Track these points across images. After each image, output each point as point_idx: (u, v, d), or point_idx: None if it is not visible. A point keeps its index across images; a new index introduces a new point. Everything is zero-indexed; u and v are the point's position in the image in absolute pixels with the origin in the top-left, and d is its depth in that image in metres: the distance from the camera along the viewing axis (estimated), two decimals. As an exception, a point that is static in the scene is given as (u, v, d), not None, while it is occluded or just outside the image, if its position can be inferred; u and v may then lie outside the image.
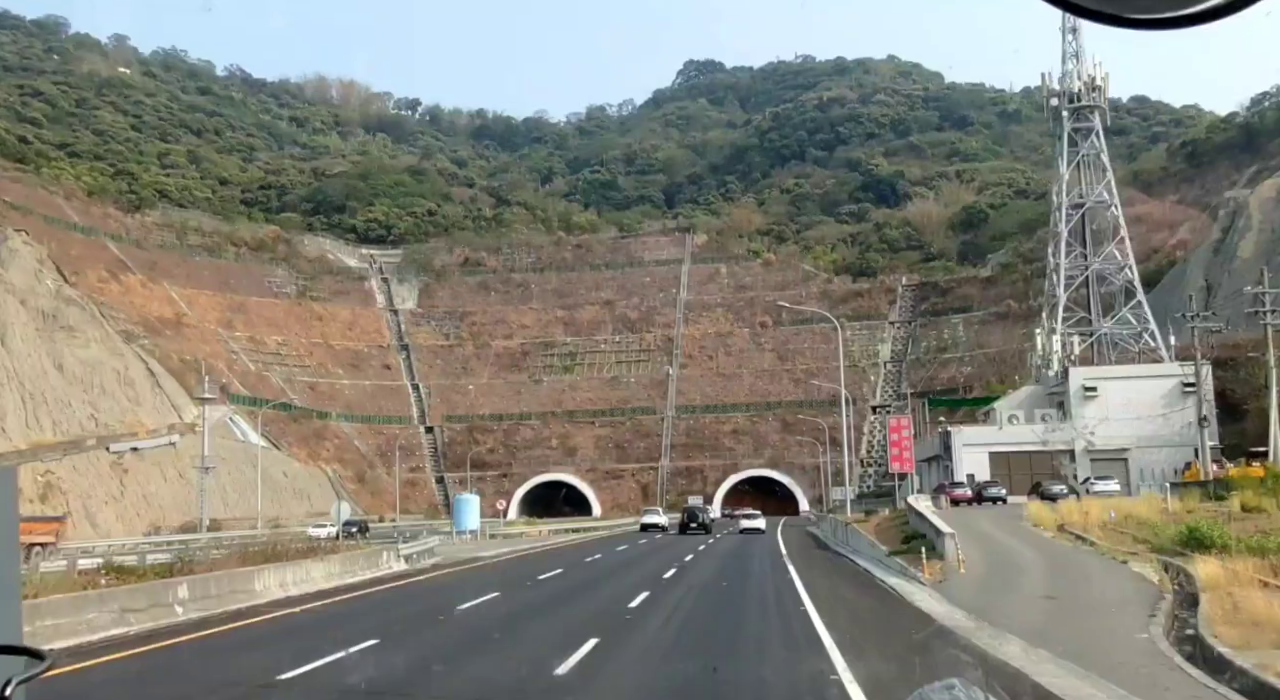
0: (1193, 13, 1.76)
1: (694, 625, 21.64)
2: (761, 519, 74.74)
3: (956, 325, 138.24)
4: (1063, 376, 75.36)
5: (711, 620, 22.66)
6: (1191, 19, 1.79)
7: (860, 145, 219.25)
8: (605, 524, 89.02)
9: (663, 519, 79.42)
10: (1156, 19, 1.81)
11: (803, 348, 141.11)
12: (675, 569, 36.46)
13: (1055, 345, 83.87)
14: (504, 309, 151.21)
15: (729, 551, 49.35)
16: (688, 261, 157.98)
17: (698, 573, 35.56)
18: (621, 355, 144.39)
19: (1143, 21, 1.82)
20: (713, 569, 37.69)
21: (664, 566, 37.53)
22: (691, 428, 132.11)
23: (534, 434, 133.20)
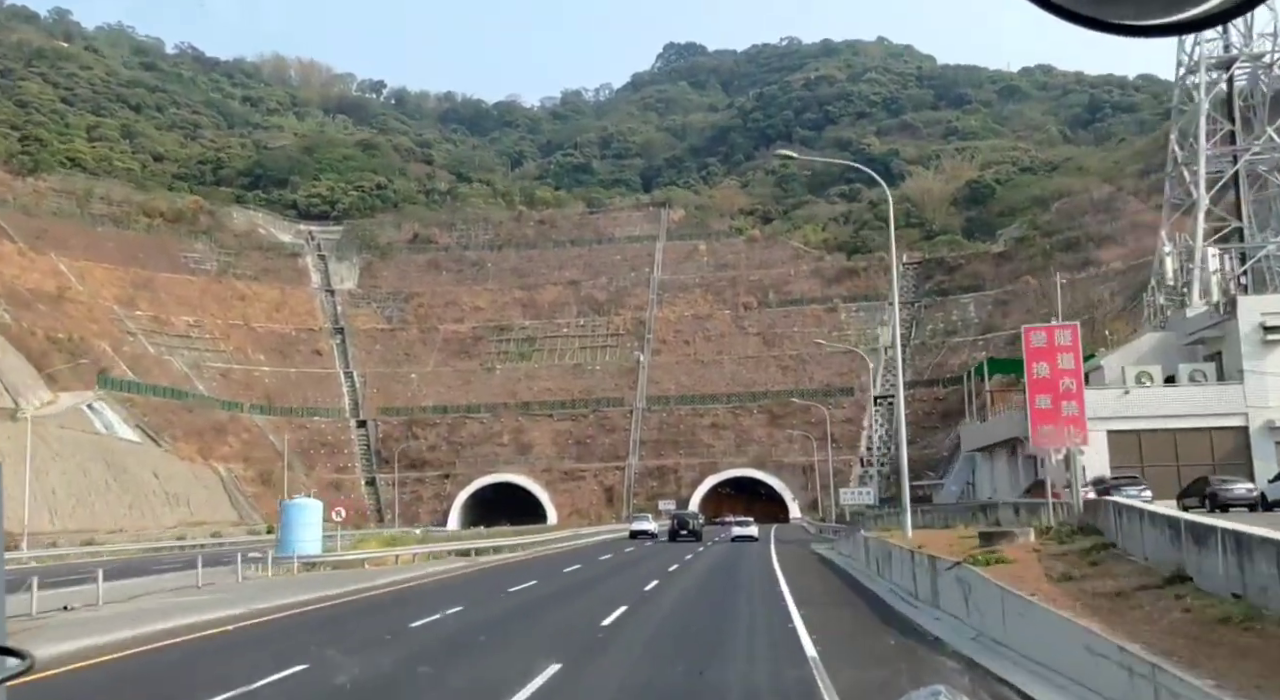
0: (1183, 20, 1.67)
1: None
2: (754, 526, 64.31)
3: (967, 306, 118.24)
4: (1223, 311, 48.51)
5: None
6: (1181, 26, 1.69)
7: (851, 125, 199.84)
8: (558, 536, 68.32)
9: (653, 525, 72.18)
10: (1145, 26, 1.71)
11: (791, 331, 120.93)
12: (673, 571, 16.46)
13: (1205, 264, 55.38)
14: (456, 289, 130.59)
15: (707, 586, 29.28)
16: (663, 238, 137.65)
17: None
18: (586, 340, 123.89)
19: (1132, 28, 1.71)
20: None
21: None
22: (664, 421, 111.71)
23: (483, 429, 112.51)
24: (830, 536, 53.26)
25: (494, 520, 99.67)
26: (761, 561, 39.42)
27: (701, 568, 38.23)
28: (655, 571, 35.26)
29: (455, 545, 47.67)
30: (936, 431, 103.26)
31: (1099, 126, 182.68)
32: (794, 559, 41.01)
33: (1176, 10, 1.66)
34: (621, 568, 39.43)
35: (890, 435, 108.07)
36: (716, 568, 37.98)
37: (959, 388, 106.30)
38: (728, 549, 50.06)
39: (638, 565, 39.97)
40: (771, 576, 32.20)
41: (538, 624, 20.91)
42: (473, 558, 45.44)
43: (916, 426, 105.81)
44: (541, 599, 27.75)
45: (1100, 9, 1.69)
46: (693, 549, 50.33)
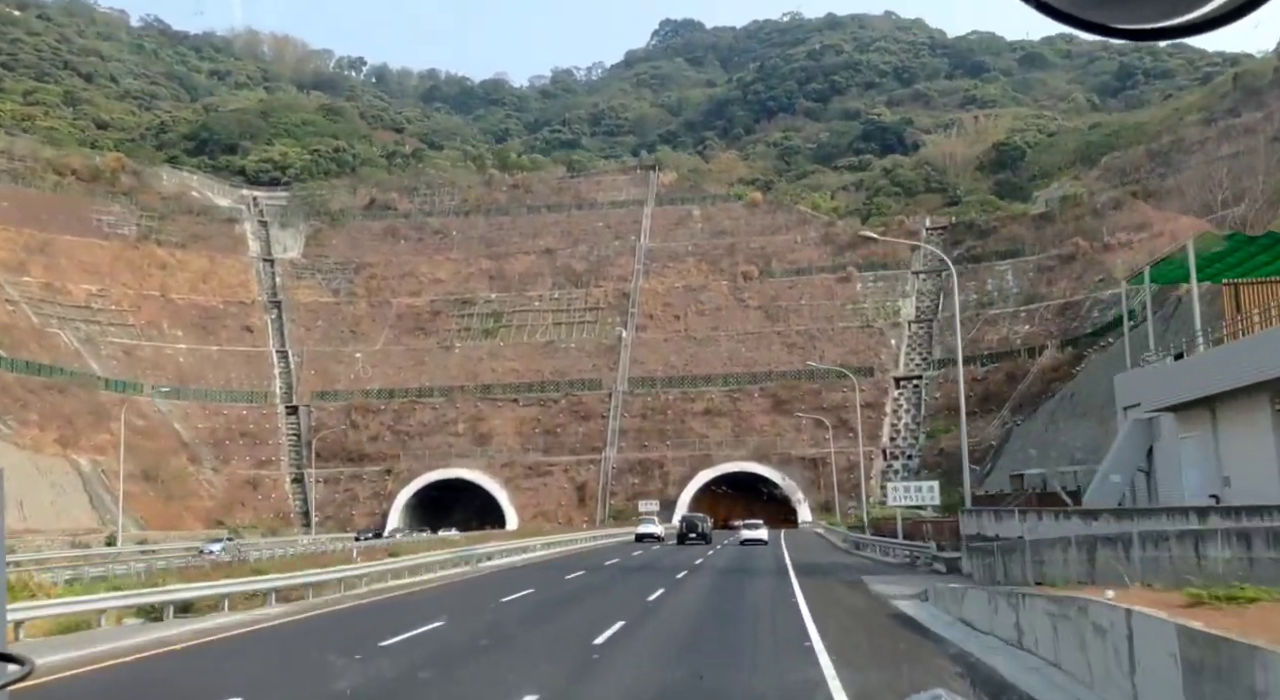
0: (1178, 24, 1.65)
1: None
2: (764, 529, 58.53)
3: (1004, 273, 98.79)
4: None
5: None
6: (1177, 30, 1.66)
7: (859, 95, 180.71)
8: (511, 547, 49.10)
9: (658, 529, 65.34)
10: (1139, 30, 1.69)
11: (798, 304, 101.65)
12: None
13: None
14: (414, 259, 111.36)
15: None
16: (651, 203, 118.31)
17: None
18: (561, 315, 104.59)
19: (1124, 32, 1.69)
20: None
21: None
22: (649, 407, 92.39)
23: (435, 416, 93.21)
24: (885, 562, 34.25)
25: (443, 524, 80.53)
26: (787, 627, 19.52)
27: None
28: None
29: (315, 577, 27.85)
30: (975, 417, 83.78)
31: (1130, 94, 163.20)
32: (852, 624, 20.30)
33: (1177, 14, 1.60)
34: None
35: (918, 422, 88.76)
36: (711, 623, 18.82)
37: (1001, 366, 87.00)
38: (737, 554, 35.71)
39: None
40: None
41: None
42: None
43: (952, 412, 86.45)
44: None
45: (1101, 13, 1.65)
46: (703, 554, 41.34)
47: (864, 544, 40.86)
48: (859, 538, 44.87)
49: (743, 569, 33.66)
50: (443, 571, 35.65)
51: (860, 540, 43.40)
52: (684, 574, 32.60)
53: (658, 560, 40.85)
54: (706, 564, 37.63)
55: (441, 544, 44.04)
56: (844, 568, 32.70)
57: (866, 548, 39.67)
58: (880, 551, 37.85)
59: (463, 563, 37.22)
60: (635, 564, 39.38)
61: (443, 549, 39.63)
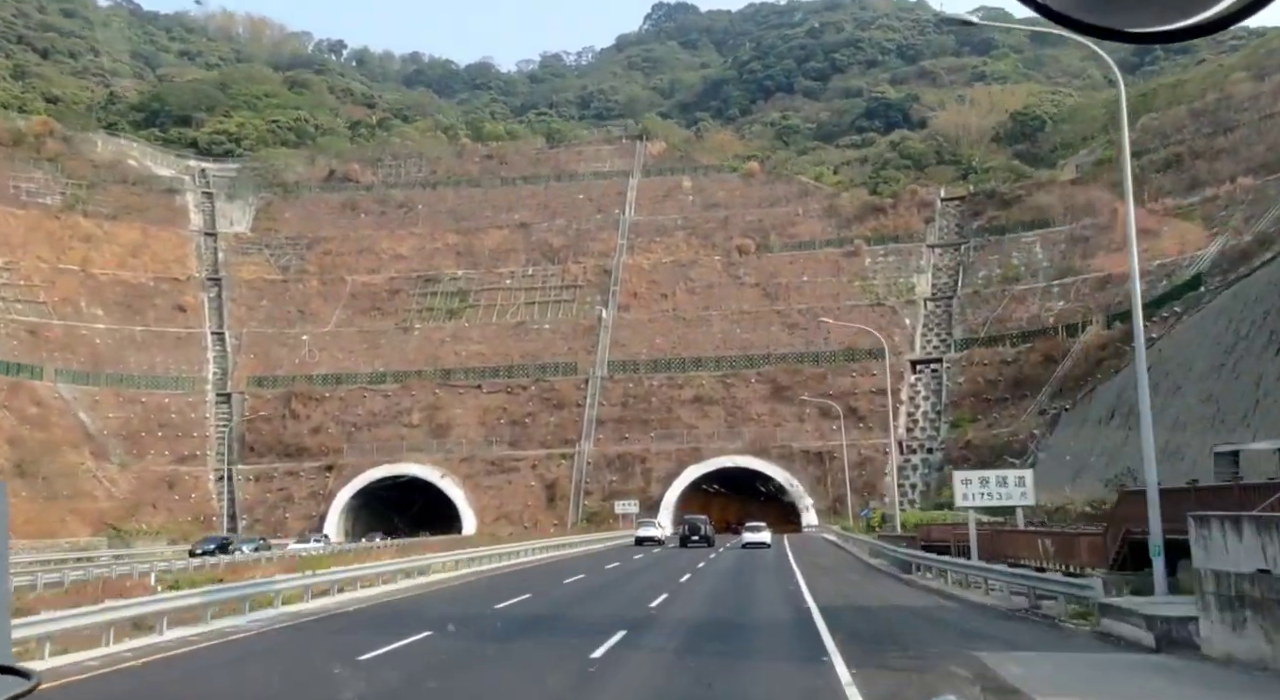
0: (1176, 28, 1.63)
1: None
2: (767, 532, 54.81)
3: (1031, 245, 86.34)
4: None
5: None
6: (1180, 33, 1.65)
7: (861, 74, 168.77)
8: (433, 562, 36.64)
9: (658, 531, 59.59)
10: (1136, 33, 1.66)
11: (800, 281, 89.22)
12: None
13: None
14: (375, 234, 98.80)
15: None
16: (637, 174, 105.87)
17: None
18: (535, 293, 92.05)
19: (1126, 35, 1.67)
20: None
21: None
22: (631, 394, 79.83)
23: (387, 405, 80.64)
24: (972, 602, 20.78)
25: (394, 527, 68.10)
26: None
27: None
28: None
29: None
30: (1007, 404, 71.48)
31: (1149, 69, 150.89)
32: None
33: (1178, 18, 1.59)
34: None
35: (939, 411, 76.33)
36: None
37: (1034, 346, 74.47)
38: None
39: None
40: None
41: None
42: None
43: (978, 399, 74.02)
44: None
45: (1102, 17, 1.63)
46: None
47: (915, 564, 27.24)
48: (905, 554, 30.52)
49: (737, 625, 20.28)
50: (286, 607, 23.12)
51: (907, 558, 29.04)
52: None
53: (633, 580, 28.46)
54: (686, 596, 25.29)
55: (315, 564, 31.36)
56: (910, 618, 19.37)
57: (921, 570, 26.50)
58: (951, 580, 24.41)
59: (308, 594, 24.59)
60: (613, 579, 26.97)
61: (304, 572, 26.95)
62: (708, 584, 29.36)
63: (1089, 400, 53.81)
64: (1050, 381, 68.37)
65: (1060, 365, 68.74)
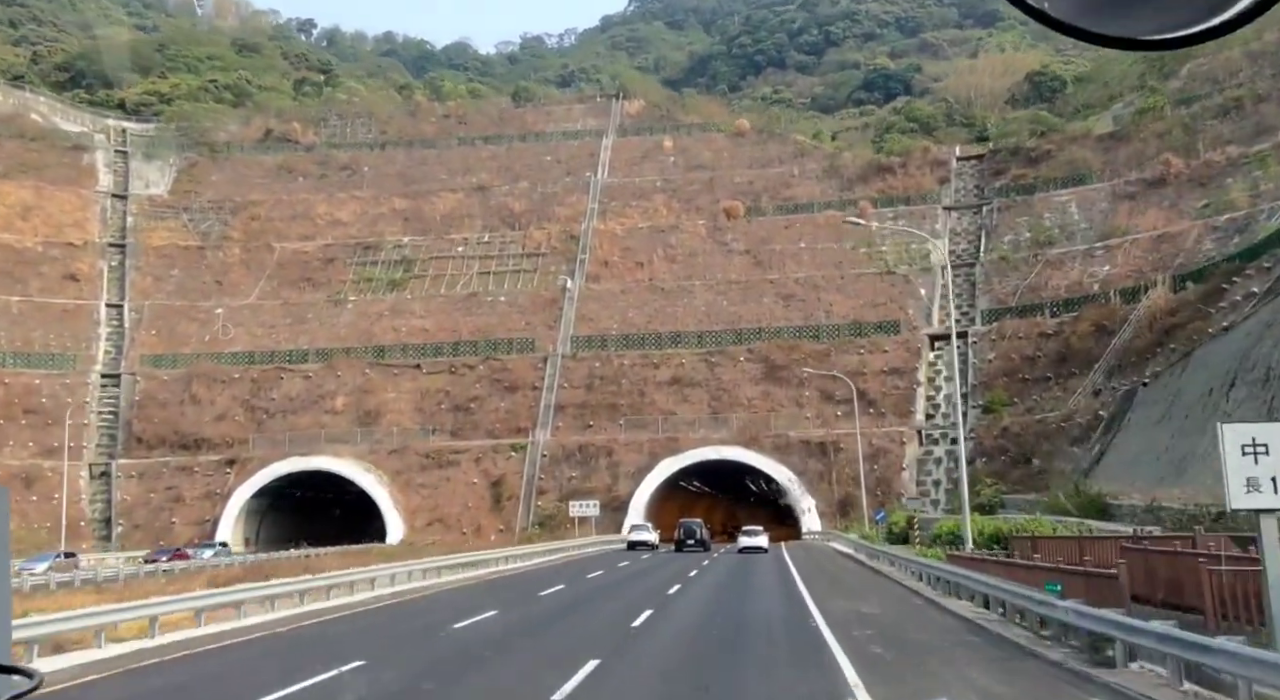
0: (1173, 37, 1.64)
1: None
2: (764, 536, 48.43)
3: (1066, 204, 73.00)
4: None
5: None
6: (1171, 42, 1.66)
7: (858, 47, 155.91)
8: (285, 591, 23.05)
9: (652, 535, 51.61)
10: (1131, 39, 1.65)
11: (797, 248, 75.80)
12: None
13: None
14: (311, 198, 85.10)
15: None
16: (612, 134, 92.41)
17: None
18: (490, 262, 78.43)
19: (1117, 40, 1.66)
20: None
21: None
22: (597, 374, 66.13)
23: (307, 387, 66.88)
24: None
25: (312, 535, 54.47)
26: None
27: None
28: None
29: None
30: (1049, 384, 58.06)
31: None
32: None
33: (1181, 26, 1.58)
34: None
35: (965, 394, 62.77)
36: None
37: (1081, 315, 60.95)
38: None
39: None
40: None
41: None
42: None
43: (1013, 379, 60.51)
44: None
45: (1103, 24, 1.62)
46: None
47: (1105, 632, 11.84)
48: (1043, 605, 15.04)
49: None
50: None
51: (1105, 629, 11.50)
52: None
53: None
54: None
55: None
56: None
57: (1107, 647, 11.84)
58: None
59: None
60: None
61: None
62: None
63: (1181, 370, 40.27)
64: (1106, 355, 54.99)
65: (1118, 336, 55.35)
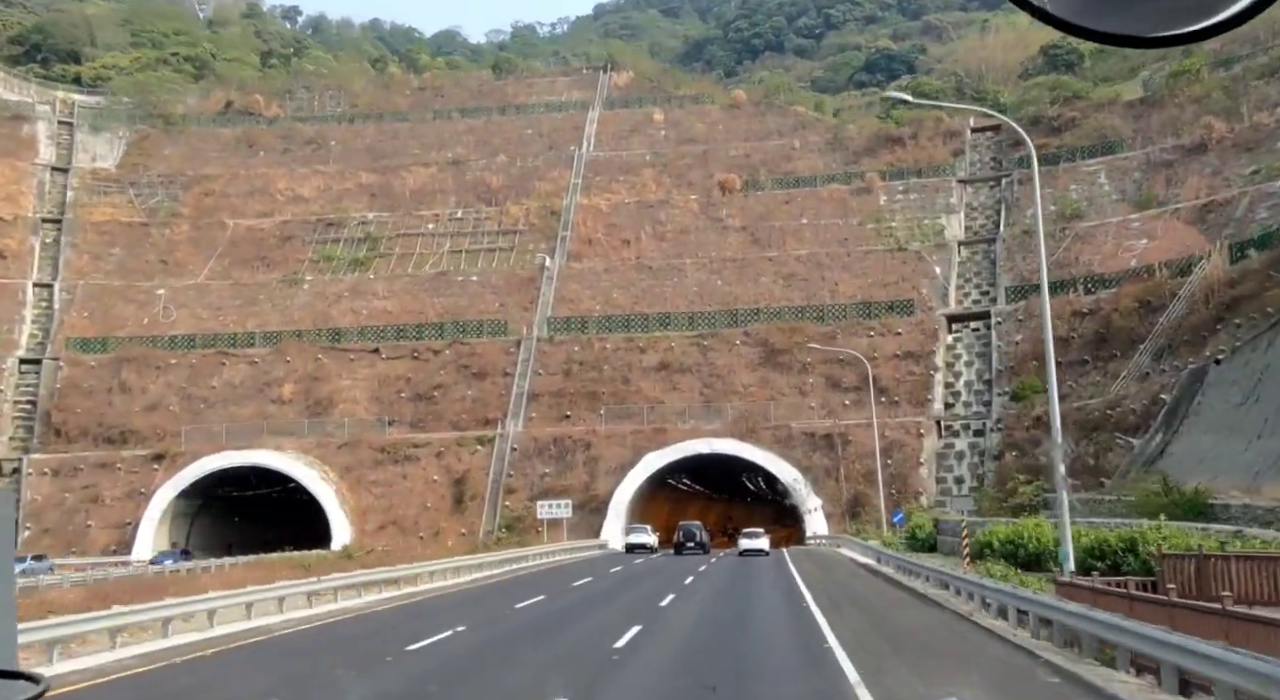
0: (1173, 34, 1.65)
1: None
2: (765, 539, 44.32)
3: (1094, 175, 65.82)
4: None
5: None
6: (1171, 39, 1.67)
7: (858, 30, 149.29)
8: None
9: (650, 538, 47.51)
10: (1131, 36, 1.67)
11: (798, 224, 68.57)
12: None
13: None
14: (271, 173, 77.82)
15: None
16: (598, 107, 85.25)
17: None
18: (463, 239, 71.17)
19: (1115, 37, 1.69)
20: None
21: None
22: (576, 359, 58.80)
23: (253, 374, 59.59)
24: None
25: (243, 541, 47.12)
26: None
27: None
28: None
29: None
30: (1087, 367, 50.83)
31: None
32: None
33: (1180, 24, 1.58)
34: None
35: (988, 380, 55.66)
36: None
37: (1122, 290, 53.80)
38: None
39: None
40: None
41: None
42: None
43: (1045, 362, 53.26)
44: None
45: (1103, 21, 1.62)
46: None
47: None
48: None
49: None
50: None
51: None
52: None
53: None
54: None
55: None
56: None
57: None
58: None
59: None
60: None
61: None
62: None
63: (1268, 344, 33.03)
64: (1154, 334, 47.76)
65: (1167, 312, 48.12)
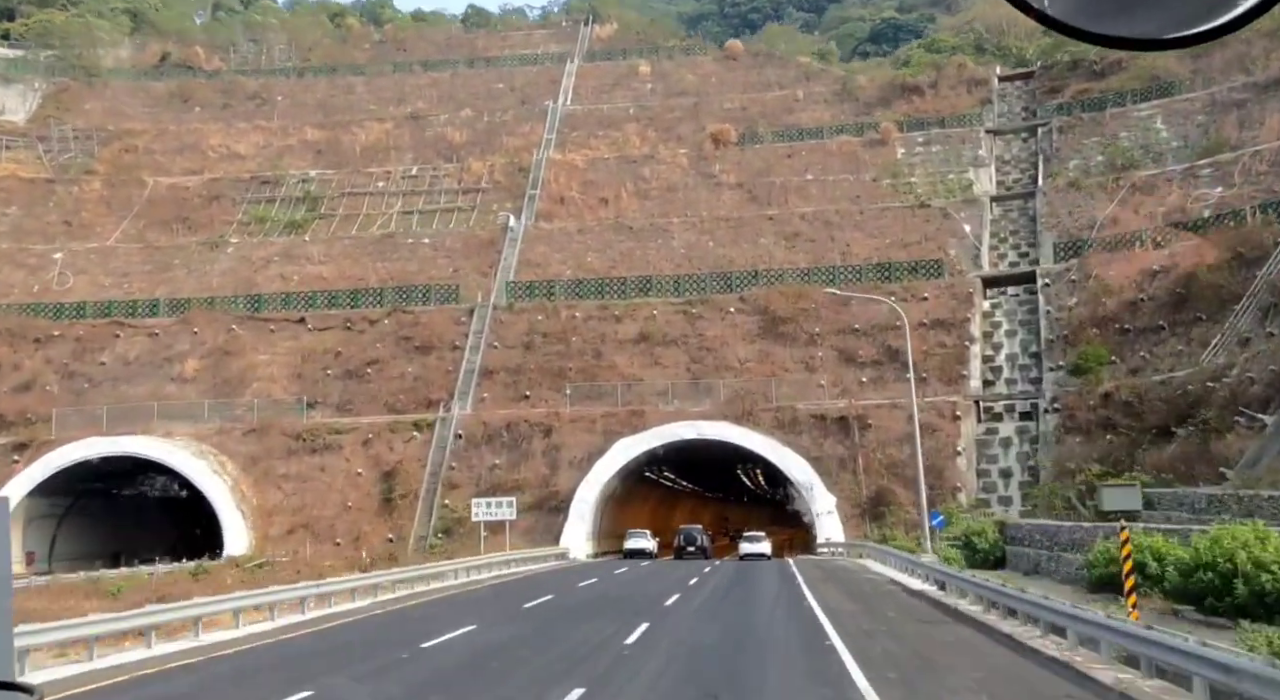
0: (1173, 37, 1.63)
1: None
2: (767, 543, 40.34)
3: (1149, 120, 55.90)
4: None
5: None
6: (1170, 42, 1.66)
7: (862, 3, 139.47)
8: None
9: (650, 543, 42.70)
10: (1131, 39, 1.64)
11: (801, 180, 58.64)
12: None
13: None
14: (205, 128, 67.89)
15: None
16: (578, 59, 75.40)
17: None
18: (418, 199, 61.26)
19: (1114, 39, 1.66)
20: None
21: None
22: (540, 330, 48.75)
23: (152, 348, 49.57)
24: None
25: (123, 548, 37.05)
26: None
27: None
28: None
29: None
30: (1162, 333, 40.81)
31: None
32: None
33: (1179, 27, 1.57)
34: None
35: (1037, 353, 45.68)
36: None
37: (1201, 242, 43.85)
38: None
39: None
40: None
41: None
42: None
43: (1107, 329, 43.25)
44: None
45: (1103, 24, 1.60)
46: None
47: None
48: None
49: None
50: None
51: None
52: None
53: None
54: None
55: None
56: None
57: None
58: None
59: None
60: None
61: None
62: None
63: None
64: (1253, 291, 37.81)
65: (1268, 265, 38.16)
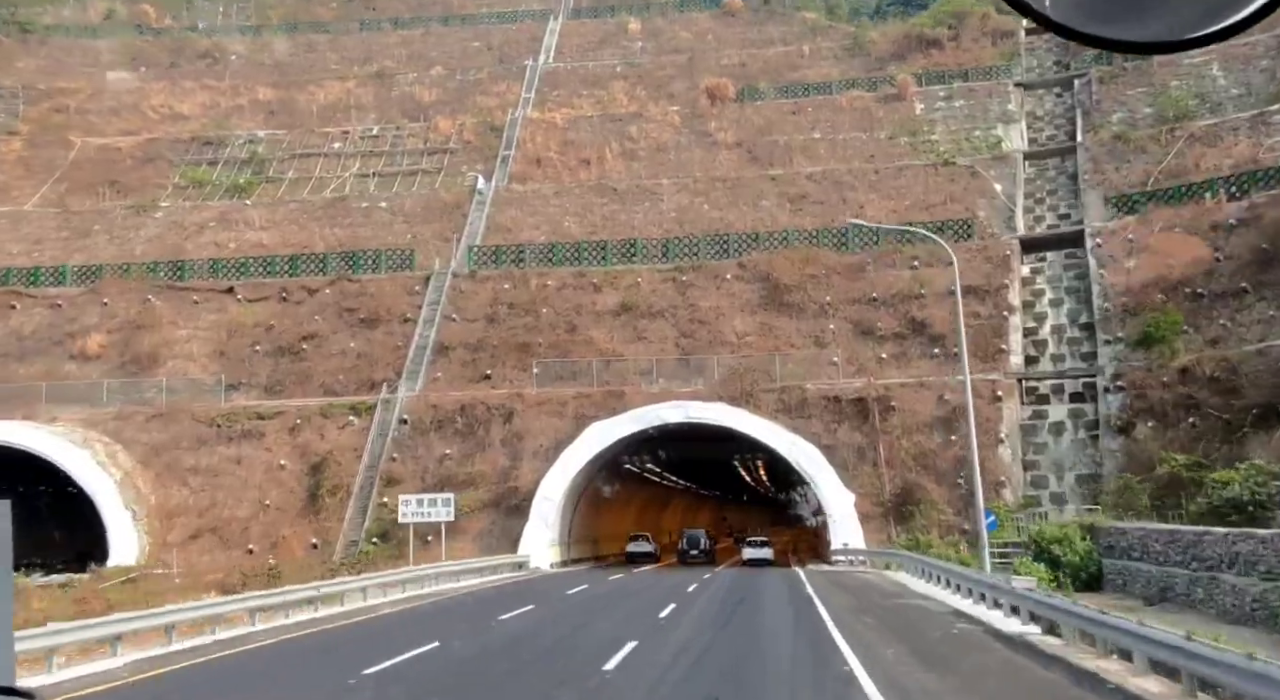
0: (1173, 40, 1.63)
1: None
2: (768, 548, 37.88)
3: (1202, 67, 49.00)
4: None
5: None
6: (1171, 46, 1.65)
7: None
8: None
9: (651, 547, 40.52)
10: (1132, 42, 1.64)
11: (809, 139, 51.71)
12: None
13: None
14: (147, 87, 61.09)
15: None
16: (562, 16, 68.49)
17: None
18: (378, 161, 54.34)
19: (1114, 42, 1.64)
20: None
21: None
22: (506, 301, 41.84)
23: (52, 320, 42.70)
24: None
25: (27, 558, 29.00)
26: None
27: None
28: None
29: None
30: (1245, 299, 33.74)
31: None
32: None
33: (1180, 32, 1.56)
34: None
35: (1088, 324, 38.63)
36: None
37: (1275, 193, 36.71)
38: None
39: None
40: None
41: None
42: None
43: (1175, 295, 36.06)
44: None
45: (1103, 27, 1.59)
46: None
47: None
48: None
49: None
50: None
51: None
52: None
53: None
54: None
55: None
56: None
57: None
58: None
59: None
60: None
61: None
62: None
63: None
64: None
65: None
